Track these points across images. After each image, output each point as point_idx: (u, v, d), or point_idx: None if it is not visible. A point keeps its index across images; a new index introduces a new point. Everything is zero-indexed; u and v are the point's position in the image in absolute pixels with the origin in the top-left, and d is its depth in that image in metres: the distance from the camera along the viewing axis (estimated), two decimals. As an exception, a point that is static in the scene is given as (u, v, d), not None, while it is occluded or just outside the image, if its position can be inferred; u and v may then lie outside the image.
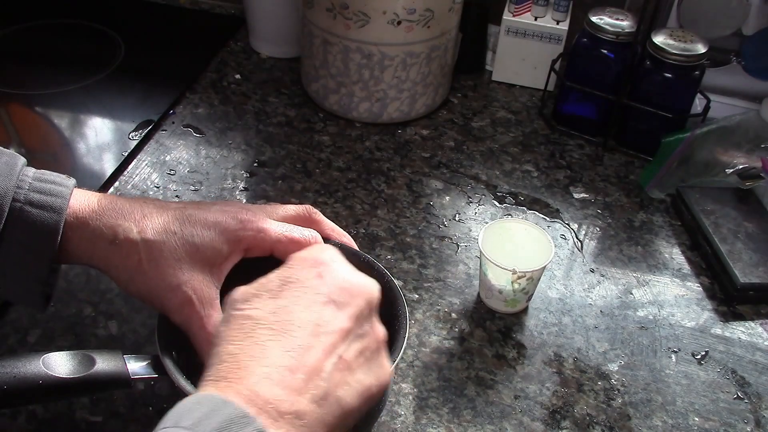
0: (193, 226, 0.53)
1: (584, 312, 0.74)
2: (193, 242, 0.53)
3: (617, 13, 0.92)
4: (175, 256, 0.52)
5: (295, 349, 0.41)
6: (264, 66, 1.06)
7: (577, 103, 0.98)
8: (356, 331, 0.44)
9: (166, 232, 0.53)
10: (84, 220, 0.52)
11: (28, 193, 0.51)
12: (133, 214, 0.53)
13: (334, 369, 0.42)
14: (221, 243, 0.53)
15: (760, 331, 0.74)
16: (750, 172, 0.84)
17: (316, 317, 0.43)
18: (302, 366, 0.41)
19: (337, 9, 0.87)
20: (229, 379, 0.40)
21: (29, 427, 0.59)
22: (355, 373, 0.43)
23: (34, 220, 0.50)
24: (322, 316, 0.43)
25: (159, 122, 0.93)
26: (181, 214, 0.54)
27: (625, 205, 0.87)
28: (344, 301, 0.45)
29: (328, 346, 0.42)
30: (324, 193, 0.85)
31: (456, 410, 0.64)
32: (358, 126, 0.96)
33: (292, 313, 0.43)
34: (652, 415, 0.65)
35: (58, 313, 0.68)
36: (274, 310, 0.43)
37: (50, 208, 0.51)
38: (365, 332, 0.45)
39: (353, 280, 0.46)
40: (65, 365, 0.50)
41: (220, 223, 0.54)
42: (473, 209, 0.85)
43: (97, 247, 0.52)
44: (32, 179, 0.52)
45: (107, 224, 0.52)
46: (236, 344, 0.42)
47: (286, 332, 0.42)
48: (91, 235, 0.52)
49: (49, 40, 1.09)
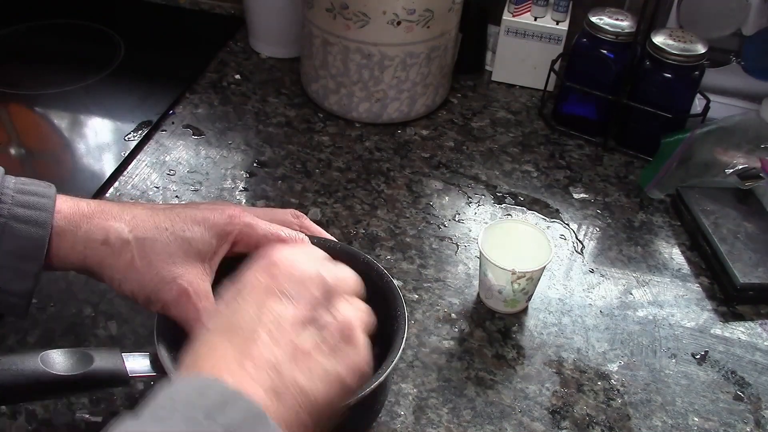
0: (184, 222, 0.54)
1: (584, 312, 0.74)
2: (184, 236, 0.53)
3: (617, 13, 0.92)
4: (167, 251, 0.53)
5: (243, 342, 0.41)
6: (264, 66, 1.06)
7: (577, 104, 0.98)
8: (313, 320, 0.44)
9: (157, 228, 0.53)
10: (75, 223, 0.52)
11: (11, 207, 0.51)
12: (123, 216, 0.54)
13: (289, 359, 0.41)
14: (210, 237, 0.54)
15: (759, 331, 0.74)
16: (750, 173, 0.84)
17: (266, 312, 0.43)
18: (252, 358, 0.41)
19: (337, 9, 0.87)
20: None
21: (29, 427, 0.59)
22: (317, 362, 0.42)
23: (19, 236, 0.50)
24: (274, 310, 0.43)
25: (159, 122, 0.93)
26: (170, 212, 0.55)
27: (624, 206, 0.87)
28: (296, 292, 0.44)
29: (281, 337, 0.42)
30: (324, 194, 0.85)
31: (456, 410, 0.64)
32: (358, 126, 0.96)
33: (241, 313, 0.43)
34: (652, 415, 0.65)
35: (58, 314, 0.68)
36: (225, 317, 0.44)
37: (35, 222, 0.51)
38: (325, 321, 0.44)
39: (306, 271, 0.46)
40: (63, 362, 0.50)
41: (208, 218, 0.55)
42: (473, 209, 0.85)
43: (88, 250, 0.52)
44: (14, 191, 0.52)
45: (98, 226, 0.53)
46: (191, 356, 0.42)
47: (235, 331, 0.42)
48: (83, 238, 0.52)
49: (49, 40, 1.09)
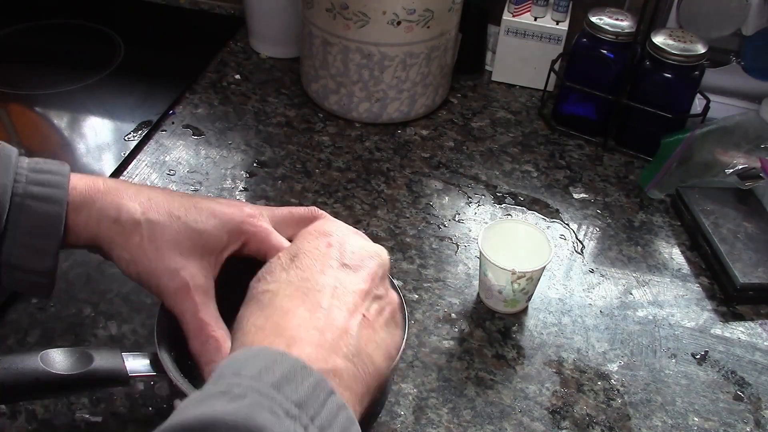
0: (198, 213, 0.54)
1: (584, 312, 0.74)
2: (195, 228, 0.53)
3: (617, 13, 0.92)
4: (176, 239, 0.52)
5: (320, 310, 0.42)
6: (264, 66, 1.06)
7: (577, 104, 0.98)
8: (374, 292, 0.46)
9: (169, 215, 0.53)
10: (90, 199, 0.52)
11: (26, 186, 0.51)
12: (138, 197, 0.54)
13: (360, 327, 0.43)
14: (223, 232, 0.54)
15: (759, 331, 0.74)
16: (750, 173, 0.84)
17: (333, 280, 0.44)
18: (330, 325, 0.42)
19: (337, 9, 0.87)
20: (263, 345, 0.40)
21: (29, 427, 0.59)
22: (378, 332, 0.44)
23: (37, 214, 0.51)
24: (339, 279, 0.44)
25: (159, 122, 0.93)
26: (188, 201, 0.55)
27: (624, 206, 0.87)
28: (357, 264, 0.46)
29: (351, 306, 0.43)
30: (324, 194, 0.85)
31: (456, 410, 0.64)
32: (357, 126, 0.96)
33: (308, 279, 0.44)
34: (652, 415, 0.65)
35: (58, 314, 0.68)
36: (290, 280, 0.44)
37: (51, 199, 0.51)
38: (381, 294, 0.46)
39: (363, 245, 0.48)
40: (63, 362, 0.50)
41: (225, 213, 0.55)
42: (473, 209, 0.85)
43: (101, 226, 0.52)
44: (28, 170, 0.52)
45: (112, 203, 0.53)
46: (259, 317, 0.42)
47: (308, 296, 0.43)
48: (97, 214, 0.52)
49: (49, 40, 1.09)
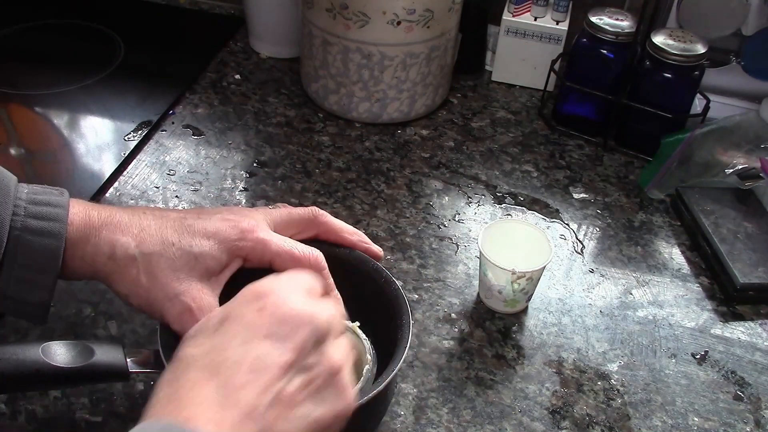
0: (192, 237, 0.53)
1: (584, 312, 0.74)
2: (191, 252, 0.52)
3: (617, 13, 0.92)
4: (172, 266, 0.52)
5: (228, 387, 0.40)
6: (264, 66, 1.06)
7: (577, 104, 0.98)
8: (300, 364, 0.42)
9: (163, 243, 0.52)
10: (85, 236, 0.52)
11: (25, 219, 0.50)
12: (131, 228, 0.53)
13: (271, 406, 0.40)
14: (220, 252, 0.53)
15: (759, 331, 0.74)
16: (750, 173, 0.84)
17: (252, 353, 0.41)
18: (236, 405, 0.39)
19: (336, 9, 0.87)
20: (167, 417, 0.39)
21: (29, 427, 0.59)
22: (300, 407, 0.41)
23: (34, 248, 0.50)
24: (260, 352, 0.42)
25: (159, 122, 0.93)
26: (180, 224, 0.54)
27: (624, 206, 0.87)
28: (285, 333, 0.42)
29: (265, 383, 0.41)
30: (324, 194, 0.85)
31: (456, 410, 0.64)
32: (357, 126, 0.96)
33: (226, 350, 0.42)
34: (652, 415, 0.65)
35: (58, 313, 0.68)
36: (212, 347, 0.42)
37: (49, 233, 0.50)
38: (312, 363, 0.43)
39: (298, 309, 0.43)
40: (64, 354, 0.50)
41: (220, 232, 0.54)
42: (473, 209, 0.85)
43: (96, 263, 0.52)
44: (26, 202, 0.51)
45: (106, 239, 0.52)
46: (171, 385, 0.41)
47: (219, 371, 0.41)
48: (91, 252, 0.52)
49: (49, 40, 1.09)
